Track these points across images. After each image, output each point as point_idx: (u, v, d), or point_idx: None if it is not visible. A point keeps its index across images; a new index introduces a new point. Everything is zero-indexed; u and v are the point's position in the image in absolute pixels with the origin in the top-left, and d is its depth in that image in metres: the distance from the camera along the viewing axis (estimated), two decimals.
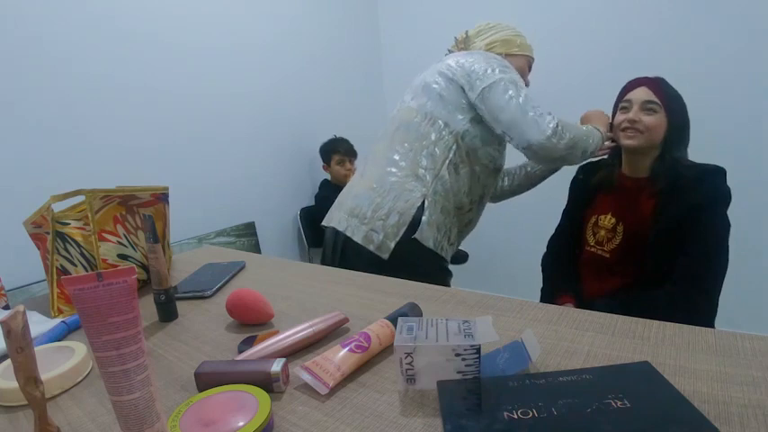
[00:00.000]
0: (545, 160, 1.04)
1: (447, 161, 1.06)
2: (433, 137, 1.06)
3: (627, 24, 2.12)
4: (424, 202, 1.05)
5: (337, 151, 2.36)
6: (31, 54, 1.48)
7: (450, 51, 1.25)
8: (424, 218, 1.04)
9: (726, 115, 1.94)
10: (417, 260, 1.04)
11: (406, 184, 1.06)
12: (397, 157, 1.09)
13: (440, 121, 1.06)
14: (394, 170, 1.08)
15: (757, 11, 1.82)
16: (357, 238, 1.06)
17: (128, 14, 1.72)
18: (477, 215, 1.20)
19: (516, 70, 1.10)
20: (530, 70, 1.25)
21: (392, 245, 1.03)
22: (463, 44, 1.22)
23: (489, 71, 1.02)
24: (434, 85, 1.08)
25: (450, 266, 1.32)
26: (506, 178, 1.40)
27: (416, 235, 1.04)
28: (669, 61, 1.97)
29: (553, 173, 1.34)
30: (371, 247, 1.04)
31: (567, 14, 2.26)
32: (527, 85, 1.20)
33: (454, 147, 1.06)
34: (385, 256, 1.03)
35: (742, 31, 1.87)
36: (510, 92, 1.00)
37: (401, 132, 1.11)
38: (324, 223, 1.19)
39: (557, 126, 0.98)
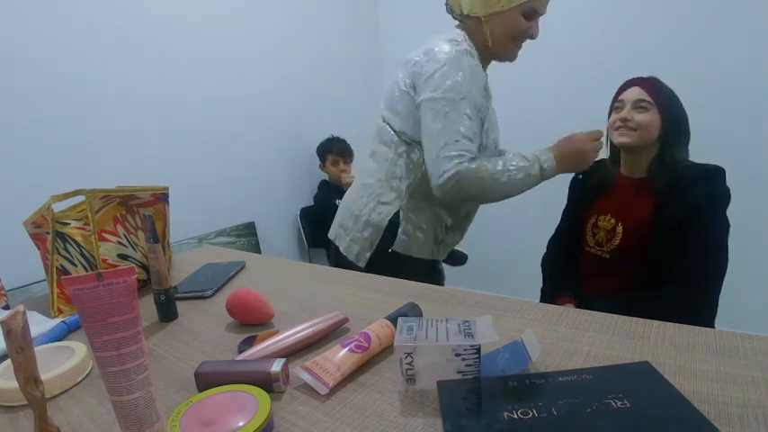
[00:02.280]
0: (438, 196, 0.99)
1: (423, 167, 1.02)
2: (404, 146, 1.05)
3: (627, 24, 2.12)
4: (399, 213, 1.05)
5: (331, 151, 2.36)
6: (32, 54, 1.48)
7: (447, 4, 1.12)
8: (400, 229, 1.06)
9: (726, 115, 1.94)
10: (406, 268, 1.02)
11: (382, 196, 1.07)
12: (375, 168, 1.10)
13: (404, 134, 1.04)
14: (371, 181, 1.10)
15: (757, 11, 1.82)
16: (341, 248, 1.13)
17: (128, 15, 1.72)
18: (474, 205, 1.16)
19: (499, 27, 0.99)
20: (533, 17, 1.01)
21: (368, 255, 1.08)
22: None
23: (430, 84, 0.95)
24: (393, 97, 1.06)
25: (450, 267, 1.32)
26: None
27: (396, 247, 1.05)
28: (669, 61, 1.97)
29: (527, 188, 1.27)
30: (351, 257, 1.10)
31: (567, 14, 2.26)
32: (534, 35, 1.04)
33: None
34: (361, 264, 1.08)
35: (742, 30, 1.87)
36: (430, 116, 0.94)
37: (380, 140, 1.10)
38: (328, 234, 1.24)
39: (453, 175, 0.91)
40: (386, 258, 1.06)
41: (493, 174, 0.94)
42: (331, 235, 1.19)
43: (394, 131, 1.06)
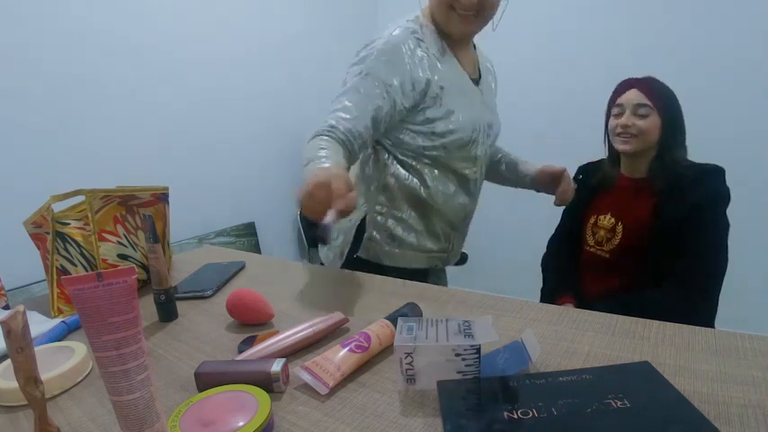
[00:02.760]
0: None
1: (386, 168, 0.96)
2: (370, 149, 0.98)
3: (627, 24, 2.12)
4: (365, 219, 0.99)
5: None
6: (32, 55, 1.48)
7: None
8: (366, 234, 1.00)
9: (725, 115, 1.94)
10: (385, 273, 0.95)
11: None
12: (356, 170, 1.04)
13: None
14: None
15: (757, 10, 1.82)
16: (321, 255, 1.11)
17: (129, 15, 1.72)
18: (467, 199, 1.04)
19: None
20: None
21: (339, 264, 1.03)
22: None
23: (362, 53, 0.93)
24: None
25: (450, 267, 1.30)
26: (504, 164, 1.21)
27: (361, 254, 1.00)
28: (669, 61, 1.97)
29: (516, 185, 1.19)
30: (327, 264, 1.07)
31: (568, 15, 2.26)
32: (450, 5, 0.90)
33: (385, 151, 0.97)
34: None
35: (741, 30, 1.87)
36: (341, 88, 0.91)
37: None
38: None
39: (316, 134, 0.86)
40: (357, 267, 0.98)
41: (306, 150, 0.85)
42: None
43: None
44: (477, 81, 1.02)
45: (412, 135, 0.94)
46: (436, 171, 0.97)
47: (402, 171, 0.97)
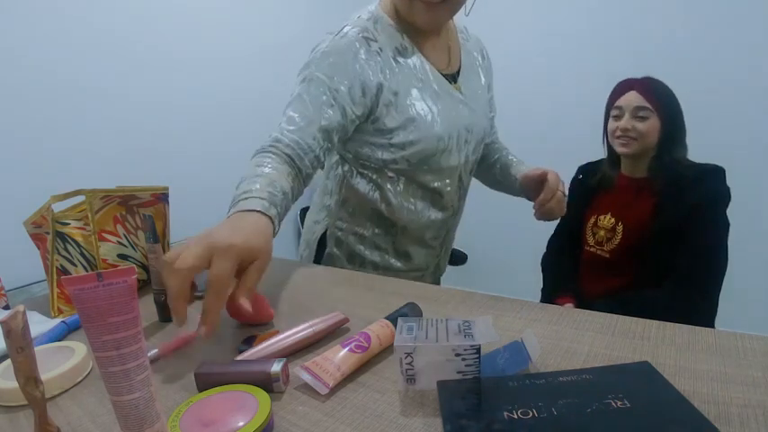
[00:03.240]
0: None
1: (345, 181, 0.90)
2: (335, 156, 0.92)
3: (627, 24, 2.12)
4: (325, 233, 0.96)
5: None
6: (32, 55, 1.48)
7: None
8: (326, 251, 0.96)
9: (725, 115, 1.94)
10: None
11: (316, 214, 0.99)
12: (319, 183, 1.00)
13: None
14: (315, 200, 1.03)
15: (757, 10, 1.82)
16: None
17: (129, 16, 1.72)
18: (441, 214, 0.93)
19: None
20: None
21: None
22: None
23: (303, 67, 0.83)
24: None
25: (450, 267, 1.29)
26: (499, 165, 1.09)
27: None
28: (669, 61, 1.97)
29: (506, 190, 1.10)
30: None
31: (567, 14, 2.26)
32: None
33: (344, 162, 0.90)
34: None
35: (741, 30, 1.87)
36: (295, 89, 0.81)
37: None
38: None
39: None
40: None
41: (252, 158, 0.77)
42: None
43: None
44: (454, 76, 0.89)
45: (371, 147, 0.84)
46: (401, 186, 0.87)
47: (363, 185, 0.88)
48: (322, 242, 0.97)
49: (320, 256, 0.99)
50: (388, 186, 0.87)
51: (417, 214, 0.90)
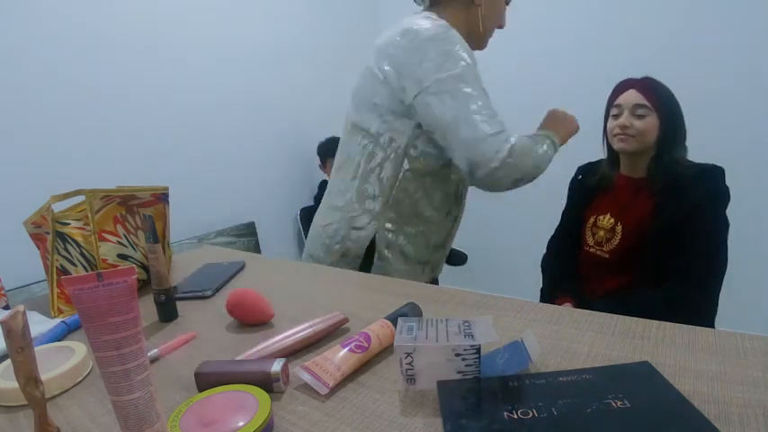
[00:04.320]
0: (485, 188, 0.86)
1: (397, 183, 0.92)
2: (379, 158, 0.92)
3: (627, 24, 2.12)
4: (375, 237, 0.94)
5: (332, 156, 2.35)
6: (32, 55, 1.48)
7: None
8: (376, 255, 0.95)
9: (725, 114, 1.94)
10: None
11: (353, 220, 0.95)
12: (343, 187, 0.97)
13: (382, 138, 0.90)
14: (340, 204, 0.97)
15: (757, 10, 1.82)
16: None
17: (129, 16, 1.72)
18: (460, 214, 1.07)
19: (491, 7, 0.93)
20: (507, 3, 1.00)
21: None
22: None
23: (426, 66, 0.81)
24: (367, 92, 0.93)
25: (450, 267, 1.30)
26: None
27: (372, 272, 0.95)
28: (668, 61, 1.97)
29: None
30: None
31: (568, 15, 2.26)
32: (502, 24, 1.00)
33: (405, 163, 0.91)
34: None
35: (741, 30, 1.87)
36: (447, 100, 0.80)
37: (348, 151, 0.98)
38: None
39: (509, 150, 0.78)
40: None
41: (532, 145, 0.82)
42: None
43: (368, 138, 0.93)
44: None
45: (439, 147, 0.89)
46: (441, 186, 0.95)
47: (414, 186, 0.93)
48: (370, 249, 0.95)
49: (368, 263, 0.96)
50: (434, 186, 0.94)
51: (446, 214, 1.00)
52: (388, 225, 0.95)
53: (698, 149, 1.12)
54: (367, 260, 0.96)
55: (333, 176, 1.04)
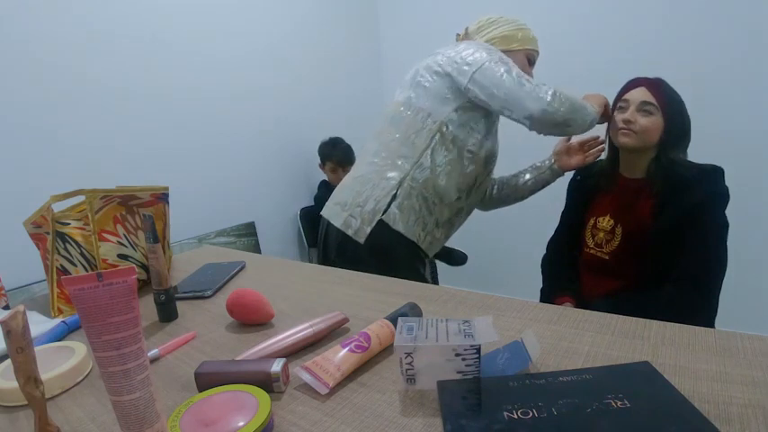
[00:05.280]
0: (548, 127, 1.03)
1: (428, 149, 1.08)
2: (416, 126, 1.09)
3: (627, 24, 2.12)
4: (398, 189, 1.08)
5: (331, 158, 2.35)
6: (32, 55, 1.48)
7: None
8: (394, 203, 1.08)
9: (725, 115, 1.94)
10: (389, 244, 1.07)
11: (384, 172, 1.10)
12: (379, 148, 1.13)
13: (423, 111, 1.09)
14: (376, 160, 1.12)
15: (757, 10, 1.82)
16: (337, 223, 1.12)
17: (129, 15, 1.72)
18: (466, 207, 1.20)
19: (519, 65, 1.10)
20: (532, 64, 1.23)
21: (368, 230, 1.08)
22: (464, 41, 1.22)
23: (477, 55, 1.04)
24: (420, 78, 1.11)
25: (450, 267, 1.30)
26: (495, 187, 1.39)
27: (385, 217, 1.07)
28: (669, 61, 1.97)
29: (542, 187, 1.33)
30: (350, 232, 1.09)
31: (569, 14, 2.26)
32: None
33: (437, 136, 1.08)
34: (361, 240, 1.08)
35: (741, 30, 1.87)
36: (501, 69, 1.01)
37: (387, 126, 1.15)
38: (321, 213, 1.26)
39: (554, 93, 0.99)
40: (380, 231, 1.07)
41: (575, 98, 1.03)
42: (324, 212, 1.20)
43: (410, 110, 1.10)
44: None
45: (484, 134, 1.12)
46: (465, 169, 1.12)
47: (443, 158, 1.09)
48: (393, 196, 1.09)
49: (387, 209, 1.08)
50: (455, 166, 1.10)
51: (457, 198, 1.14)
52: (411, 183, 1.08)
53: (698, 149, 1.12)
54: (385, 214, 1.08)
55: (371, 141, 1.19)
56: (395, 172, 1.09)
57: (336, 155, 2.34)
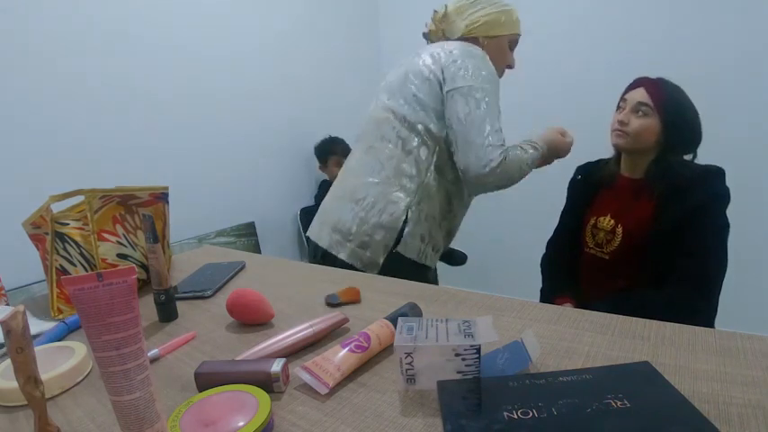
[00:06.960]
0: (474, 187, 1.00)
1: (431, 166, 1.03)
2: (415, 142, 1.02)
3: (628, 24, 2.12)
4: (407, 214, 1.01)
5: (335, 153, 2.36)
6: (32, 54, 1.48)
7: (426, 35, 1.18)
8: (406, 230, 1.01)
9: (725, 115, 1.94)
10: (400, 269, 1.00)
11: (389, 194, 1.02)
12: (378, 166, 1.04)
13: (420, 125, 1.01)
14: (376, 180, 1.03)
15: (757, 11, 1.82)
16: (342, 256, 1.04)
17: (129, 15, 1.72)
18: (464, 211, 1.18)
19: (495, 50, 1.07)
20: (512, 48, 1.14)
21: (381, 261, 1.02)
22: (442, 23, 1.12)
23: (464, 73, 0.97)
24: (410, 86, 1.03)
25: (450, 267, 1.30)
26: None
27: (399, 248, 1.02)
28: (669, 62, 1.97)
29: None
30: (359, 265, 1.02)
31: (570, 14, 2.26)
32: (512, 65, 1.16)
33: (437, 150, 1.02)
34: (374, 272, 1.01)
35: (741, 31, 1.87)
36: (471, 104, 0.95)
37: (380, 135, 1.06)
38: (308, 234, 1.17)
39: (500, 163, 0.93)
40: (391, 261, 1.02)
41: (523, 160, 0.99)
42: (323, 242, 1.08)
43: (405, 123, 1.02)
44: None
45: None
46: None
47: (449, 173, 1.05)
48: (403, 222, 1.03)
49: (399, 237, 1.02)
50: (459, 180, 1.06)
51: (465, 207, 1.14)
52: (419, 206, 1.03)
53: (698, 149, 1.12)
54: (397, 242, 1.03)
55: (361, 157, 1.09)
56: (401, 193, 1.02)
57: (340, 147, 2.35)
